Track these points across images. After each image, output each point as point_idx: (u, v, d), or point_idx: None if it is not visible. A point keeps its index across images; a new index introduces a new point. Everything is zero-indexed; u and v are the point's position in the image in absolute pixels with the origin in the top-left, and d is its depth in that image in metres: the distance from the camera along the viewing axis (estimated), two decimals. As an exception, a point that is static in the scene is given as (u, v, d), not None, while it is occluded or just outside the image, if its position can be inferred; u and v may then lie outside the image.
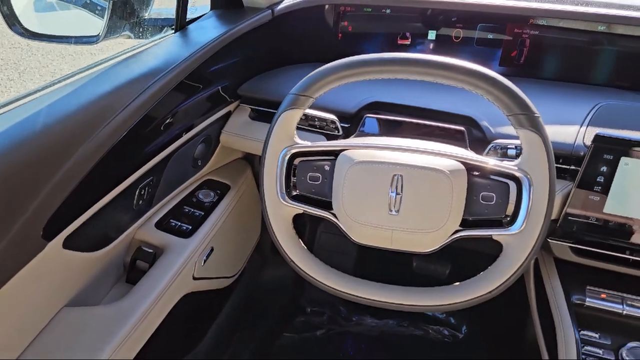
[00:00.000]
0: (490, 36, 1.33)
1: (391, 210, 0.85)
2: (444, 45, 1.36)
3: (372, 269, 1.87)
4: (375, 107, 1.18)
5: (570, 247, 1.12)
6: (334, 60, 0.87)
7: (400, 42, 1.37)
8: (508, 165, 0.84)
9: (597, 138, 0.99)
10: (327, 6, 1.31)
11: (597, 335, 1.09)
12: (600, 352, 1.06)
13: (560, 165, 1.07)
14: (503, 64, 1.35)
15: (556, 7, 1.28)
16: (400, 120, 1.09)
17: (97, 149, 0.88)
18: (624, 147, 0.98)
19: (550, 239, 1.11)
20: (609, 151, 0.99)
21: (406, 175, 0.84)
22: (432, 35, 1.35)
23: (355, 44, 1.38)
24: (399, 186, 0.84)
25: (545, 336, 1.13)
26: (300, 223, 0.88)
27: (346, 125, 1.16)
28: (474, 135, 1.12)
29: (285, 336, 1.71)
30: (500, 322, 1.71)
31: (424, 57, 0.83)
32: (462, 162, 0.85)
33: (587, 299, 1.12)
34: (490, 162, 0.85)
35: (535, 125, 0.81)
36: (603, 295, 1.12)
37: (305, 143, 0.91)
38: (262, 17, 1.25)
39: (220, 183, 1.33)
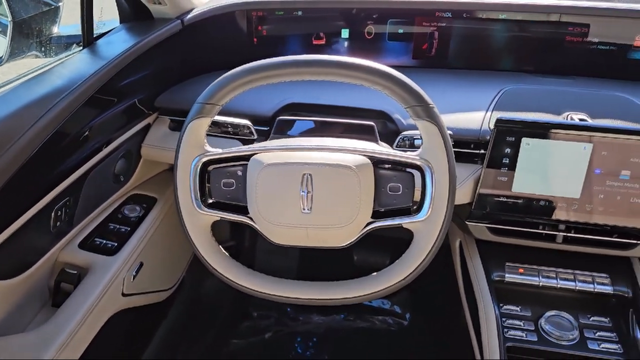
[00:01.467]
0: (400, 31, 1.37)
1: (304, 209, 0.87)
2: (357, 42, 1.39)
3: (314, 267, 1.90)
4: (292, 108, 1.20)
5: (487, 227, 1.17)
6: None
7: (315, 42, 1.39)
8: (410, 156, 0.87)
9: (498, 122, 1.05)
10: (237, 12, 1.32)
11: (518, 308, 1.15)
12: (521, 323, 1.12)
13: (471, 150, 1.12)
14: (416, 56, 1.40)
15: (458, -1, 1.34)
16: (313, 119, 1.12)
17: (0, 174, 0.86)
18: (524, 129, 1.04)
19: (468, 222, 1.16)
20: (510, 133, 1.05)
21: (315, 173, 0.86)
22: (345, 33, 1.38)
23: (272, 47, 1.39)
24: (309, 185, 0.86)
25: (471, 314, 1.19)
26: (239, 230, 0.89)
27: (265, 129, 1.17)
28: (389, 128, 1.16)
29: (233, 342, 1.71)
30: (439, 306, 1.77)
31: (321, 58, 0.85)
32: (368, 157, 0.88)
33: (507, 275, 1.17)
34: (393, 153, 0.89)
35: (430, 116, 0.85)
36: (521, 270, 1.18)
37: (216, 150, 0.92)
38: (172, 28, 1.24)
39: (147, 196, 1.32)
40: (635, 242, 1.11)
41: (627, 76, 1.31)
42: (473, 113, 1.15)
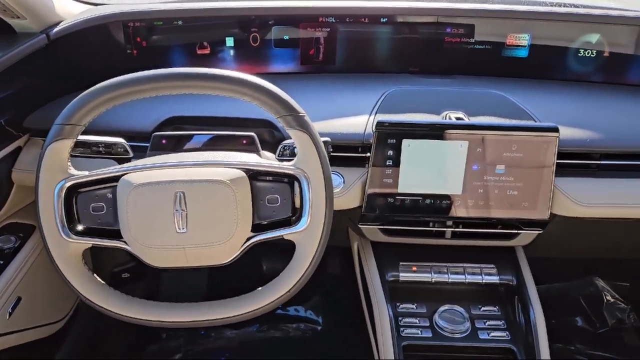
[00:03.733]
0: (286, 37, 1.36)
1: (179, 229, 0.83)
2: (243, 50, 1.36)
3: (224, 279, 1.85)
4: (174, 122, 1.15)
5: (379, 229, 1.19)
6: None
7: (199, 51, 1.35)
8: (285, 166, 0.86)
9: (379, 125, 1.06)
10: (110, 24, 1.26)
11: (414, 306, 1.17)
12: (417, 321, 1.14)
13: (358, 154, 1.12)
14: (304, 62, 1.39)
15: (340, 4, 1.35)
16: (191, 133, 1.07)
17: None
18: (403, 130, 1.06)
19: (361, 225, 1.17)
20: (391, 136, 1.06)
21: (188, 191, 0.83)
22: (230, 41, 1.35)
23: (154, 58, 1.33)
24: (182, 203, 0.83)
25: (369, 315, 1.20)
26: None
27: (146, 145, 1.12)
28: (276, 137, 1.14)
29: (141, 368, 1.63)
30: (350, 308, 1.77)
31: (183, 71, 0.82)
32: (243, 169, 0.86)
33: (401, 274, 1.19)
34: (269, 164, 0.87)
35: (302, 125, 0.84)
36: (414, 268, 1.20)
37: (82, 173, 0.86)
38: (36, 43, 1.15)
39: (23, 225, 1.22)
40: (516, 232, 1.16)
41: (502, 73, 1.37)
42: (358, 117, 1.16)
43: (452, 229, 1.16)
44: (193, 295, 1.82)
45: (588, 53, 1.34)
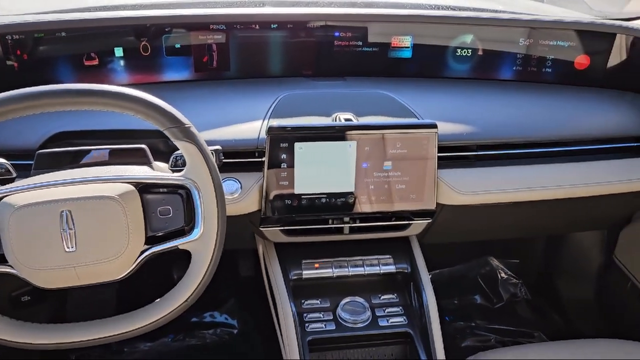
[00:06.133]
0: (177, 45, 1.36)
1: (68, 248, 0.82)
2: (134, 60, 1.34)
3: (134, 294, 1.82)
4: (61, 137, 1.12)
5: (280, 230, 1.22)
6: None
7: (87, 63, 1.31)
8: (174, 177, 0.87)
9: (270, 129, 1.09)
10: (-17, 38, 1.20)
11: (318, 301, 1.22)
12: (321, 315, 1.19)
13: (255, 159, 1.15)
14: (198, 70, 1.40)
15: (229, 12, 1.36)
16: (80, 149, 1.05)
17: None
18: (293, 134, 1.10)
19: (262, 228, 1.20)
20: (283, 140, 1.10)
21: (74, 209, 0.82)
22: (119, 52, 1.32)
23: (38, 72, 1.28)
24: (70, 222, 0.82)
25: (277, 315, 1.23)
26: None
27: (32, 163, 1.08)
28: (171, 147, 1.14)
29: (50, 393, 1.57)
30: (264, 309, 1.80)
31: (61, 88, 0.80)
32: (132, 183, 0.86)
33: (304, 272, 1.24)
34: (158, 176, 0.88)
35: (188, 136, 0.86)
36: (316, 265, 1.25)
37: None
38: None
39: None
40: (408, 222, 1.24)
41: (389, 73, 1.45)
42: (252, 123, 1.18)
43: (350, 225, 1.22)
44: (101, 310, 1.77)
45: (464, 52, 1.45)
